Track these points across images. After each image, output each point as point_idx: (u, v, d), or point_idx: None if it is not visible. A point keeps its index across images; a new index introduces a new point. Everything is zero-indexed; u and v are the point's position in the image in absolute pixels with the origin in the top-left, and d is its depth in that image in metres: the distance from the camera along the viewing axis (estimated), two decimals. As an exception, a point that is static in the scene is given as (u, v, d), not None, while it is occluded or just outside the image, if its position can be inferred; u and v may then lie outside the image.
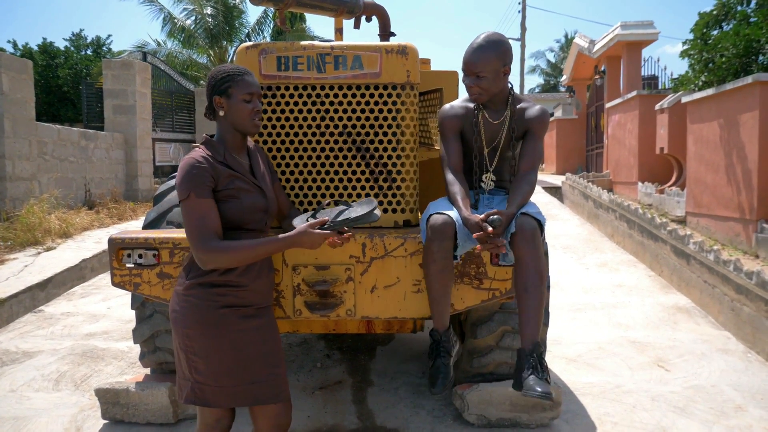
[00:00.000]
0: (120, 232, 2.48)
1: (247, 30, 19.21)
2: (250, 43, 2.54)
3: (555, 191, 12.38)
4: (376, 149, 2.50)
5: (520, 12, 26.47)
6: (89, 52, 23.39)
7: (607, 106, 13.33)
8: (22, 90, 8.02)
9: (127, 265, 2.41)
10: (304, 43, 2.51)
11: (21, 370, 3.67)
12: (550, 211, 10.07)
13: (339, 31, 3.73)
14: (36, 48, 21.90)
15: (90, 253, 6.28)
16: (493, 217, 2.09)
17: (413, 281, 2.38)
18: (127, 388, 2.83)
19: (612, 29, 13.46)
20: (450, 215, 2.23)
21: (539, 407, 2.81)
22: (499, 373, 2.89)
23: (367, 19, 3.62)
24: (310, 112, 2.50)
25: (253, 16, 59.51)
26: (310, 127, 2.50)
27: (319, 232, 1.89)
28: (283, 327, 3.06)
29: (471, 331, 2.85)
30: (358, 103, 2.48)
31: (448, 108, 2.48)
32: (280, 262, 2.36)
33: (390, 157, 2.51)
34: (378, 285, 2.38)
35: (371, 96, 2.48)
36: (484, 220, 2.10)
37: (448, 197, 2.39)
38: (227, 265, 1.89)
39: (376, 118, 2.49)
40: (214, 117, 2.04)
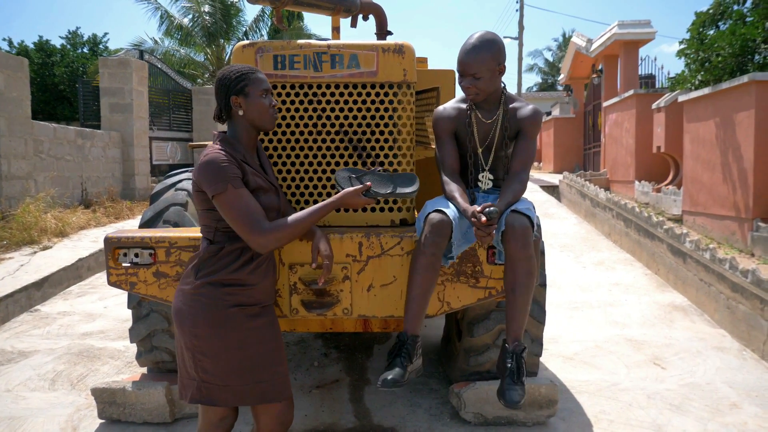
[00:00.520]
0: (116, 232, 2.47)
1: (244, 28, 19.19)
2: (246, 41, 2.54)
3: (552, 190, 12.40)
4: (373, 148, 2.50)
5: (518, 11, 26.53)
6: (86, 50, 23.32)
7: (605, 104, 13.37)
8: (17, 88, 7.99)
9: (124, 264, 2.40)
10: (300, 41, 2.51)
11: (17, 369, 3.66)
12: (548, 210, 10.08)
13: (336, 29, 3.72)
14: (32, 46, 21.83)
15: (86, 253, 6.26)
16: (490, 209, 2.12)
17: None
18: (124, 387, 2.82)
19: (609, 28, 13.48)
20: (447, 213, 2.23)
21: (536, 405, 2.82)
22: (496, 372, 2.89)
23: (364, 18, 3.62)
24: (306, 110, 2.49)
25: (250, 14, 59.47)
26: (307, 125, 2.50)
27: (363, 199, 2.05)
28: (280, 326, 3.05)
29: (468, 330, 2.86)
30: (355, 102, 2.48)
31: (440, 110, 2.50)
32: (277, 261, 2.36)
33: (387, 156, 2.50)
34: (375, 284, 2.38)
35: (368, 95, 2.48)
36: (481, 211, 2.13)
37: (444, 195, 2.39)
38: (286, 242, 1.95)
39: (373, 117, 2.49)
40: (227, 118, 2.03)
